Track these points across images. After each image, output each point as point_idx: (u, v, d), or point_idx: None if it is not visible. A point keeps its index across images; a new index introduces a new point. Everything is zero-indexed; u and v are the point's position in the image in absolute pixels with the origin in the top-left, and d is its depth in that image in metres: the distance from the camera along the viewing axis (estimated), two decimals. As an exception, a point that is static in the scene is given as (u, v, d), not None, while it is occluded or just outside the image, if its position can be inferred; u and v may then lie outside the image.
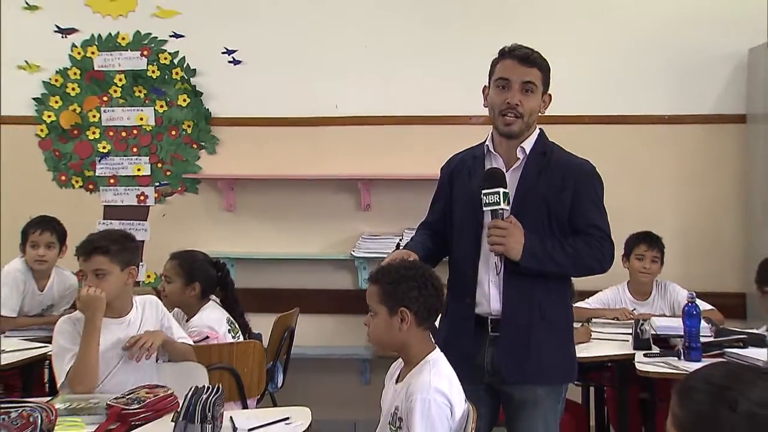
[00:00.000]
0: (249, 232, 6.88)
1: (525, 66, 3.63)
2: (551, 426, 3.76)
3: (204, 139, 6.99)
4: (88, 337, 3.95)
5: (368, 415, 4.39)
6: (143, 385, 3.73)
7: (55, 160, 7.08)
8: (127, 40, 7.01)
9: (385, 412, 3.37)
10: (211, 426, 3.19)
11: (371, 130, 6.76)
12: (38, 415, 3.24)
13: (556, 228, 3.66)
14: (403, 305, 3.24)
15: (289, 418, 3.50)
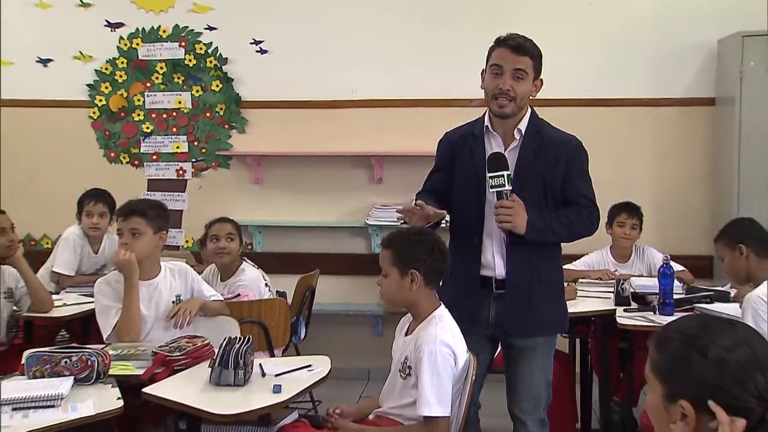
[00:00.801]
0: (274, 202, 6.89)
1: (517, 54, 3.62)
2: (546, 369, 3.83)
3: (235, 120, 7.00)
4: (129, 294, 4.02)
5: (380, 364, 4.43)
6: (183, 335, 3.80)
7: (105, 139, 7.10)
8: (168, 33, 7.00)
9: (395, 361, 3.42)
10: (243, 371, 3.26)
11: (383, 111, 6.74)
12: (95, 359, 3.32)
13: (550, 199, 3.70)
14: (412, 267, 3.28)
15: (311, 365, 3.55)
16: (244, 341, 3.35)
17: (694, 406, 1.67)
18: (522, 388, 3.81)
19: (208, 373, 3.31)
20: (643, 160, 6.58)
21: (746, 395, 1.65)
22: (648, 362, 1.79)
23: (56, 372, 3.29)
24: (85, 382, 3.26)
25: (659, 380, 1.76)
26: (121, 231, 4.11)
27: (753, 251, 4.17)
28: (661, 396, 1.75)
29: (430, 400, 3.13)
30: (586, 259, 5.68)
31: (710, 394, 1.66)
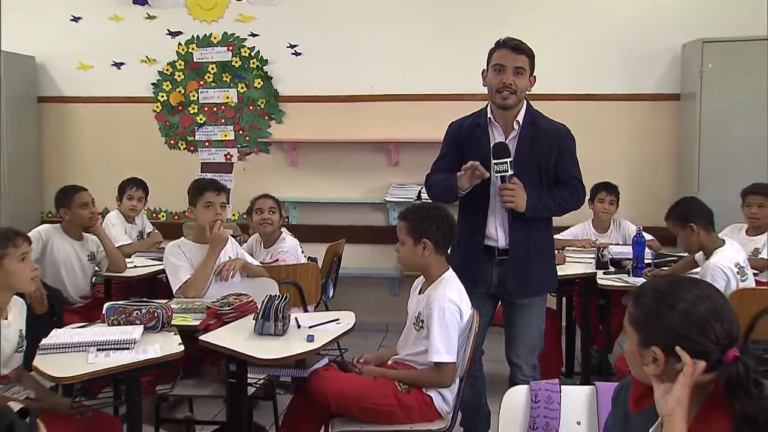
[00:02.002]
0: (307, 182, 6.92)
1: (516, 54, 3.65)
2: (540, 322, 3.89)
3: (273, 112, 7.02)
4: (208, 262, 4.05)
5: (396, 318, 4.47)
6: (232, 293, 3.80)
7: (166, 129, 7.14)
8: (218, 39, 7.03)
9: (410, 316, 3.45)
10: (281, 324, 3.29)
11: (398, 104, 6.76)
12: (160, 311, 3.37)
13: (545, 180, 3.74)
14: (425, 237, 3.32)
15: (339, 319, 3.57)
16: (282, 298, 3.36)
17: (664, 351, 1.71)
18: (519, 339, 3.86)
19: (252, 325, 3.33)
20: (619, 146, 6.59)
21: (706, 341, 1.68)
22: (626, 315, 1.83)
23: (129, 321, 3.34)
24: (152, 330, 3.31)
25: (635, 330, 1.79)
26: (210, 203, 4.09)
27: (702, 227, 4.19)
28: (636, 343, 1.79)
29: (439, 349, 3.18)
30: (572, 230, 5.69)
31: (677, 341, 1.69)
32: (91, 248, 4.90)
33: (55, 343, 3.07)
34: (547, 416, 2.35)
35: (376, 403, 3.18)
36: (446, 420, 3.25)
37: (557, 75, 6.20)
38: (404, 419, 3.21)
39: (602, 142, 6.45)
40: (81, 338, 3.12)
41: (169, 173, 6.01)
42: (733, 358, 1.68)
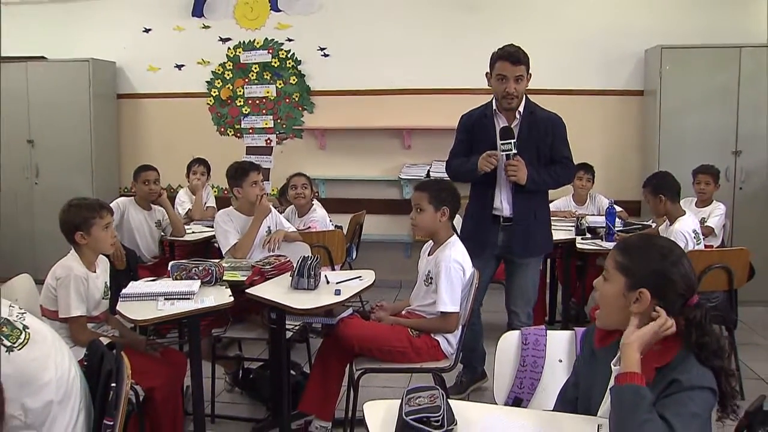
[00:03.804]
0: (334, 162, 6.91)
1: (516, 65, 3.67)
2: (536, 278, 4.01)
3: (306, 104, 7.00)
4: (253, 229, 4.08)
5: (409, 277, 4.49)
6: (272, 255, 3.84)
7: (217, 119, 7.14)
8: (260, 44, 7.00)
9: (420, 274, 3.46)
10: (313, 280, 3.30)
11: (411, 97, 6.73)
12: (214, 269, 3.40)
13: (542, 160, 3.79)
14: (445, 205, 3.32)
15: (361, 276, 3.57)
16: (314, 259, 3.37)
17: (651, 292, 1.77)
18: (518, 292, 3.91)
19: (289, 281, 3.35)
20: (593, 133, 6.52)
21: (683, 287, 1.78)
22: (611, 264, 1.85)
23: (189, 276, 3.37)
24: (207, 284, 3.34)
25: (623, 275, 1.82)
26: (255, 182, 4.12)
27: (669, 198, 4.21)
28: (623, 286, 1.81)
29: (445, 301, 3.20)
30: (555, 203, 5.64)
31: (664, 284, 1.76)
32: (157, 217, 4.94)
33: (133, 293, 3.12)
34: (535, 356, 2.37)
35: (393, 346, 3.20)
36: (450, 360, 3.27)
37: (544, 73, 6.07)
38: (415, 359, 3.23)
39: (580, 130, 6.26)
40: (152, 290, 3.17)
41: (220, 155, 6.02)
42: (695, 303, 1.78)
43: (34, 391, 1.92)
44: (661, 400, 1.66)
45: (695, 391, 1.65)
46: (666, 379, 1.69)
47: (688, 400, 1.64)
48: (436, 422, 1.75)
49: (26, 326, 1.97)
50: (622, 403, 1.66)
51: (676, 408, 1.63)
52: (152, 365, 3.06)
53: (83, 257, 3.16)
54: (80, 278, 3.06)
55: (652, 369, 1.72)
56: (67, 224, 3.15)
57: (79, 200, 3.23)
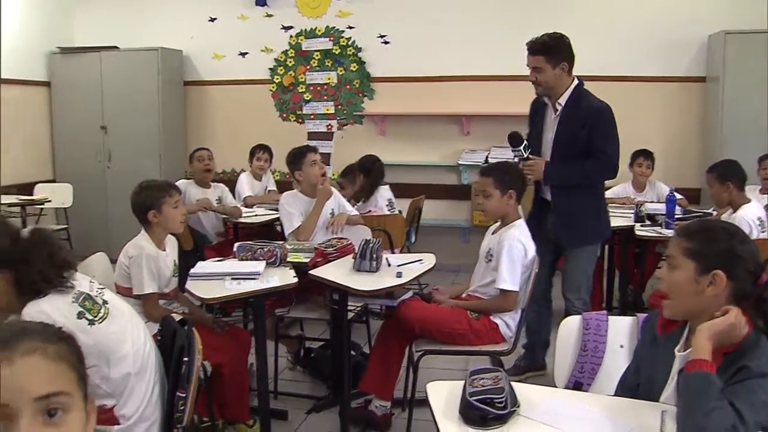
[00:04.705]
0: (394, 148, 6.86)
1: (532, 55, 3.66)
2: (588, 266, 3.86)
3: (366, 90, 7.01)
4: (316, 211, 4.09)
5: (466, 261, 4.49)
6: (334, 237, 3.87)
7: (280, 105, 7.22)
8: (321, 31, 7.04)
9: (482, 251, 3.42)
10: (375, 262, 3.30)
11: (471, 83, 6.66)
12: (278, 250, 3.43)
13: (577, 151, 3.65)
14: (511, 188, 3.29)
15: (422, 260, 3.55)
16: (376, 242, 3.37)
17: (726, 273, 1.72)
18: (567, 278, 3.85)
19: (351, 263, 3.36)
20: (653, 120, 6.36)
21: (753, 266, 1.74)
22: (679, 250, 1.80)
23: (254, 257, 3.40)
24: (272, 265, 3.37)
25: (692, 260, 1.77)
26: (315, 161, 4.14)
27: (735, 186, 4.09)
28: (693, 272, 1.76)
29: (505, 278, 3.16)
30: (614, 189, 5.54)
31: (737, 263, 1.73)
32: (217, 194, 5.06)
33: (201, 273, 3.18)
34: (596, 341, 2.33)
35: (452, 328, 3.18)
36: (509, 343, 3.23)
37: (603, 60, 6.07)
38: (475, 341, 3.21)
39: (639, 117, 6.26)
40: (219, 269, 3.22)
41: (282, 140, 6.08)
42: (766, 282, 1.75)
43: (113, 362, 1.99)
44: (729, 387, 1.61)
45: (766, 378, 1.59)
46: (735, 365, 1.63)
47: (758, 388, 1.58)
48: (499, 404, 1.74)
49: (105, 301, 2.04)
50: (690, 390, 1.61)
51: (745, 396, 1.57)
52: (219, 342, 3.12)
53: (153, 236, 3.23)
54: (151, 257, 3.13)
55: (721, 354, 1.67)
56: (139, 205, 3.22)
57: (149, 182, 3.32)
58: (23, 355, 1.01)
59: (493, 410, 1.72)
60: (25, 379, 1.00)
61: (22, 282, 1.96)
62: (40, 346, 1.04)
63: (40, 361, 1.03)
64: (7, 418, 0.97)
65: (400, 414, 3.52)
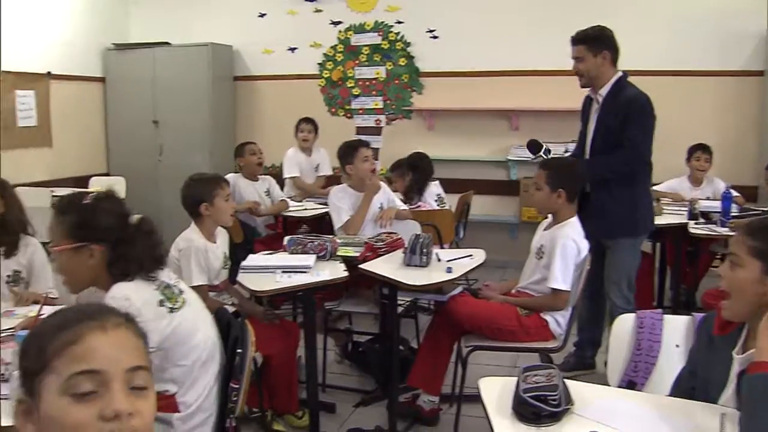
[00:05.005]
0: (442, 143, 6.84)
1: (574, 45, 3.68)
2: (626, 261, 3.78)
3: (415, 85, 6.99)
4: (365, 205, 4.11)
5: (514, 257, 4.46)
6: (384, 231, 3.87)
7: (329, 99, 7.25)
8: (370, 26, 7.04)
9: (533, 248, 3.40)
10: (425, 257, 3.30)
11: (520, 78, 6.59)
12: (328, 244, 3.46)
13: (611, 141, 3.62)
14: (560, 186, 3.25)
15: (472, 255, 3.54)
16: (426, 237, 3.37)
17: None
18: (608, 274, 3.80)
19: (401, 257, 3.37)
20: (708, 115, 6.19)
21: None
22: (743, 249, 1.74)
23: (305, 251, 3.44)
24: (322, 258, 3.40)
25: (758, 259, 1.71)
26: (367, 157, 4.17)
27: None
28: (759, 271, 1.70)
29: (557, 277, 3.13)
30: (669, 183, 5.41)
31: None
32: (265, 186, 5.12)
33: (252, 265, 3.22)
34: (651, 340, 2.29)
35: (502, 324, 3.17)
36: (559, 340, 3.20)
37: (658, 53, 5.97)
38: (524, 338, 3.18)
39: (695, 112, 6.13)
40: (270, 262, 3.26)
41: (331, 135, 6.11)
42: None
43: (185, 351, 2.04)
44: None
45: None
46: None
47: None
48: (553, 401, 1.72)
49: (181, 291, 2.10)
50: (754, 393, 1.56)
51: None
52: (269, 334, 3.15)
53: (203, 229, 3.28)
54: (200, 249, 3.19)
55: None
56: (191, 197, 3.28)
57: (200, 175, 3.38)
58: (114, 327, 1.06)
59: (546, 407, 1.71)
60: (119, 349, 1.04)
61: (116, 261, 2.03)
62: (125, 322, 1.09)
63: (128, 335, 1.08)
64: (100, 385, 1.00)
65: (448, 409, 3.52)
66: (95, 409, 0.99)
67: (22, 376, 1.06)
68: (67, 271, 2.07)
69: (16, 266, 3.02)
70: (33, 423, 1.03)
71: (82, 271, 2.04)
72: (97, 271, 2.03)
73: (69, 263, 2.04)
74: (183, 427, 2.04)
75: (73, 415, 0.99)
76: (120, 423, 1.00)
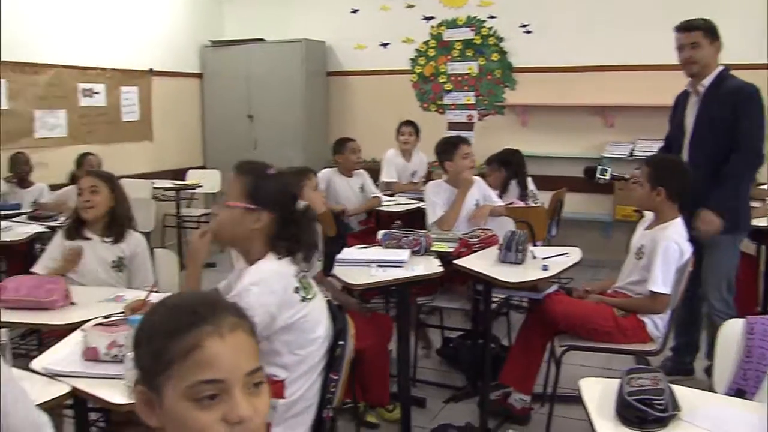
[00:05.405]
0: (535, 139, 6.75)
1: (688, 32, 3.52)
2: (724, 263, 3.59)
3: (508, 80, 6.93)
4: (458, 201, 4.10)
5: (608, 257, 4.37)
6: (478, 228, 3.83)
7: (421, 95, 7.28)
8: (463, 21, 7.02)
9: (633, 247, 3.31)
10: (521, 254, 3.25)
11: (615, 73, 6.43)
12: (423, 239, 3.46)
13: (725, 140, 3.44)
14: (661, 185, 3.15)
15: (568, 253, 3.49)
16: (521, 234, 3.32)
17: None
18: (705, 274, 3.62)
19: (496, 254, 3.32)
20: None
21: None
22: None
23: (399, 245, 3.46)
24: (416, 254, 3.40)
25: None
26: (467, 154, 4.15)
27: None
28: None
29: (657, 280, 3.03)
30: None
31: None
32: (360, 182, 5.18)
33: (347, 259, 3.26)
34: (763, 347, 2.18)
35: (599, 325, 3.09)
36: (657, 343, 3.11)
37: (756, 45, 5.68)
38: (621, 340, 3.10)
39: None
40: (365, 256, 3.30)
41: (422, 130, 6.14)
42: None
43: (303, 341, 2.10)
44: None
45: None
46: None
47: None
48: (659, 405, 1.68)
49: (311, 283, 2.16)
50: None
51: None
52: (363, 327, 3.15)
53: None
54: None
55: None
56: None
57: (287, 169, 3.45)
58: (230, 331, 1.08)
59: (653, 412, 1.67)
60: (237, 356, 1.07)
61: (282, 235, 2.13)
62: (239, 322, 1.11)
63: (244, 337, 1.10)
64: (221, 392, 1.04)
65: (539, 409, 3.48)
66: (218, 413, 1.04)
67: (140, 370, 1.11)
68: (226, 226, 2.17)
69: (120, 253, 3.18)
70: (155, 415, 1.08)
71: (242, 231, 2.13)
72: (256, 236, 2.13)
73: (233, 220, 2.14)
74: (285, 413, 2.09)
75: (197, 419, 1.04)
76: (244, 426, 1.04)
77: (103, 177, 3.25)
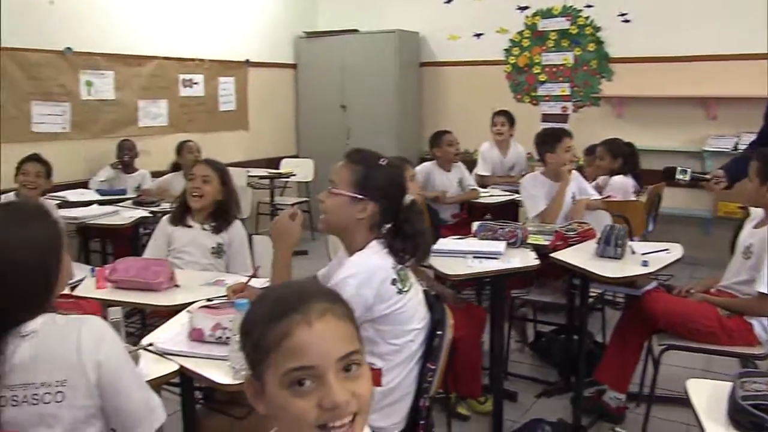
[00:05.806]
0: (632, 131, 6.42)
1: None
2: None
3: (604, 71, 6.75)
4: (561, 194, 4.02)
5: (708, 255, 4.21)
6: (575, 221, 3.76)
7: (515, 86, 7.18)
8: (558, 11, 6.88)
9: (739, 245, 3.15)
10: (620, 249, 3.18)
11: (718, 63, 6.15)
12: (519, 231, 3.43)
13: None
14: None
15: (668, 249, 3.38)
16: (620, 228, 3.24)
17: None
18: None
19: (593, 248, 3.26)
20: None
21: None
22: None
23: (495, 237, 3.43)
24: (512, 246, 3.38)
25: None
26: (569, 147, 4.08)
27: None
28: None
29: (766, 281, 2.86)
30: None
31: None
32: (458, 175, 5.17)
33: (443, 249, 3.26)
34: None
35: (702, 324, 2.97)
36: (765, 346, 2.96)
37: None
38: (725, 341, 2.97)
39: None
40: (461, 247, 3.29)
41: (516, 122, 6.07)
42: None
43: (399, 332, 2.12)
44: None
45: None
46: None
47: None
48: (776, 411, 1.61)
49: (408, 275, 2.18)
50: None
51: None
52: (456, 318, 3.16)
53: None
54: None
55: None
56: None
57: None
58: (319, 318, 1.09)
59: (770, 418, 1.60)
60: (327, 342, 1.08)
61: (381, 222, 2.15)
62: (330, 307, 1.11)
63: (334, 322, 1.10)
64: (315, 377, 1.06)
65: (634, 409, 3.40)
66: (314, 400, 1.06)
67: (246, 359, 1.15)
68: (333, 213, 2.18)
69: (220, 240, 3.28)
70: (263, 403, 1.12)
71: (347, 219, 2.15)
72: (360, 226, 2.15)
73: (340, 208, 2.15)
74: (381, 401, 2.10)
75: (294, 405, 1.06)
76: (340, 411, 1.06)
77: (216, 168, 3.34)
